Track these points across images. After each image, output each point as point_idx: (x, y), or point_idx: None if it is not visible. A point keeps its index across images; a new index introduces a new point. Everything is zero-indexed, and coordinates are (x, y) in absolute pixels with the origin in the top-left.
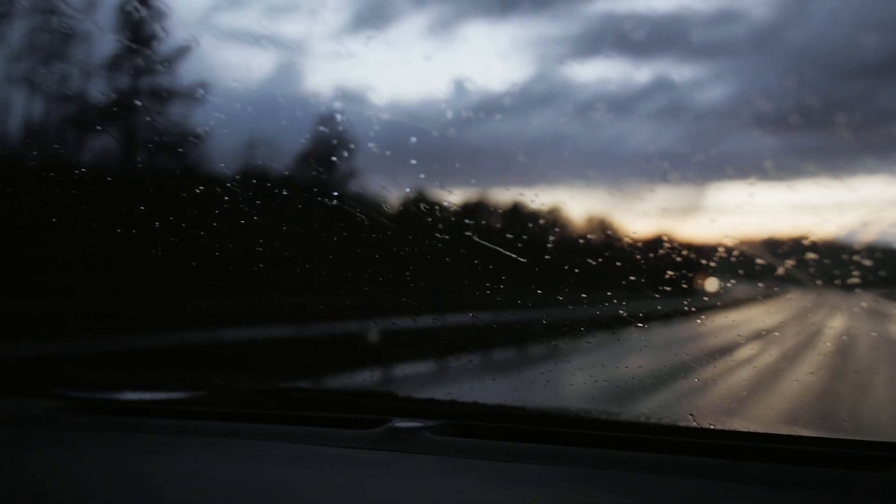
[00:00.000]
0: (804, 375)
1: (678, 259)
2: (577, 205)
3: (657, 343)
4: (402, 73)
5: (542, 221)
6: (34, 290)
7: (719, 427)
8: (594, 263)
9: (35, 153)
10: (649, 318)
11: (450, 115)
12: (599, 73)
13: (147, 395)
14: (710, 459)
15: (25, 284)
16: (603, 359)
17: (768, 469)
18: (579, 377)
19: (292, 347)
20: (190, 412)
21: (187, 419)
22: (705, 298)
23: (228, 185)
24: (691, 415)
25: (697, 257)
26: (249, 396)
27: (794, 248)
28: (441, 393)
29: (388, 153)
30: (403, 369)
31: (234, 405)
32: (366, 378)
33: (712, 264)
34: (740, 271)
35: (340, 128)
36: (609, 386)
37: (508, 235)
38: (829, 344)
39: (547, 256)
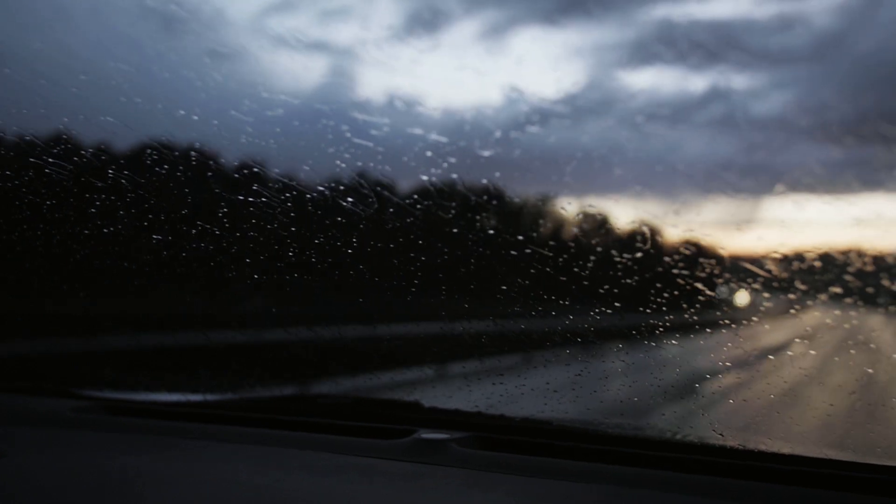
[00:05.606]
0: (839, 397)
1: (721, 271)
2: (625, 215)
3: (688, 356)
4: (453, 79)
5: (587, 231)
6: (63, 289)
7: (747, 447)
8: (633, 275)
9: (66, 153)
10: (683, 331)
11: (501, 122)
12: (654, 81)
13: (174, 398)
14: (738, 481)
15: (53, 283)
16: (630, 370)
17: (801, 493)
18: (609, 388)
19: (319, 352)
20: (215, 416)
21: (212, 423)
22: (744, 314)
23: (265, 189)
24: (721, 434)
25: (743, 270)
26: (275, 402)
27: (847, 263)
28: (468, 403)
29: (434, 160)
30: (430, 376)
31: (259, 410)
32: (390, 383)
33: (759, 278)
34: (787, 288)
35: (385, 135)
36: (639, 397)
37: (551, 244)
38: (870, 370)
39: (587, 266)
